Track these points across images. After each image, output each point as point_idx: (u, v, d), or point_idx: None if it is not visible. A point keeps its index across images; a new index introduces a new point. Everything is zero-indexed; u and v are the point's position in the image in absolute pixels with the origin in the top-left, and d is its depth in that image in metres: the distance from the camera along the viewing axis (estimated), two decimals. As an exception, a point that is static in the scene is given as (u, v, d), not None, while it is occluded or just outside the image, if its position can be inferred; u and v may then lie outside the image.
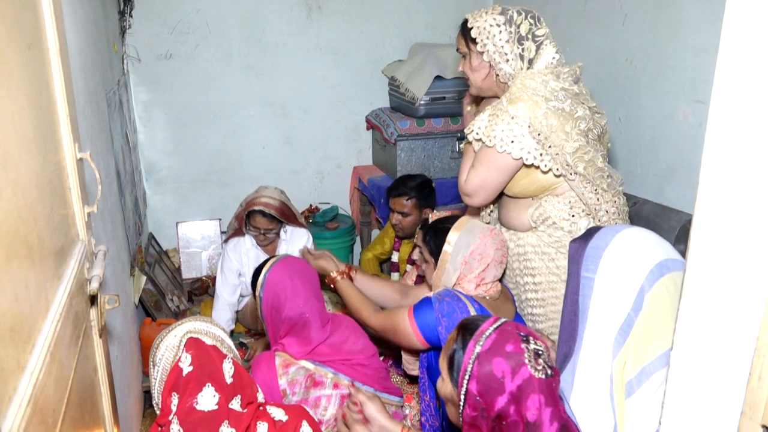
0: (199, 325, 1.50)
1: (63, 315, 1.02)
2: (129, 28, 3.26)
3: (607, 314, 1.24)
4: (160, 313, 2.87)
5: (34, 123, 1.01)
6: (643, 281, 1.21)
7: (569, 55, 2.90)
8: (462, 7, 3.71)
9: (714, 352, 0.82)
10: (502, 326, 1.24)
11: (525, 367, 1.17)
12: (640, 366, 1.18)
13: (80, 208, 1.28)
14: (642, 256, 1.24)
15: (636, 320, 1.20)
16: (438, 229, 1.90)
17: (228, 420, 1.35)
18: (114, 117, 2.52)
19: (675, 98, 2.30)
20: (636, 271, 1.23)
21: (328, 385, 1.92)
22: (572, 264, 1.34)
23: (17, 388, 0.80)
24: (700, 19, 2.17)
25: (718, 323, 0.80)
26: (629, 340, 1.20)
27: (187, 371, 1.35)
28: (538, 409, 1.15)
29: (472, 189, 1.91)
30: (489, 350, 1.19)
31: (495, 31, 1.81)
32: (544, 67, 1.84)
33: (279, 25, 3.50)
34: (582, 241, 1.33)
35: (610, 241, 1.28)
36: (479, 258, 1.81)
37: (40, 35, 1.12)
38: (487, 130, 1.82)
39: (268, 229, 2.82)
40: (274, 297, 1.97)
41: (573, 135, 1.78)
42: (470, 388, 1.19)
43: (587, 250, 1.30)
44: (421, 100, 3.24)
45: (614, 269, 1.25)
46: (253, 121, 3.63)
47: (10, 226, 0.84)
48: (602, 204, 1.85)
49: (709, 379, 0.83)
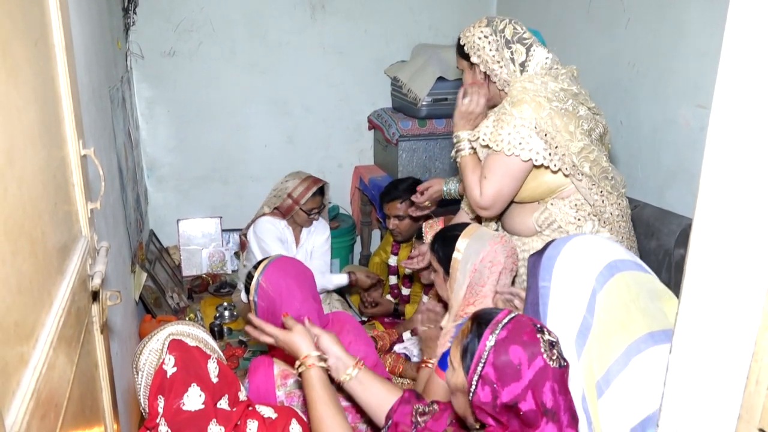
0: (181, 328, 1.48)
1: (65, 310, 1.03)
2: (133, 25, 3.27)
3: (563, 320, 1.26)
4: (160, 310, 2.87)
5: (39, 118, 1.02)
6: (594, 283, 1.25)
7: (572, 57, 2.91)
8: (465, 9, 3.72)
9: (712, 355, 0.82)
10: (517, 317, 1.26)
11: (541, 356, 1.17)
12: (605, 366, 1.20)
13: (83, 204, 1.29)
14: (591, 259, 1.28)
15: (592, 322, 1.23)
16: (446, 236, 1.84)
17: (216, 419, 1.35)
18: (117, 114, 2.52)
19: (677, 102, 2.31)
20: (586, 275, 1.26)
21: None
22: (530, 277, 1.38)
23: (21, 382, 0.81)
24: (703, 23, 2.17)
25: (716, 327, 0.81)
26: (589, 341, 1.23)
27: (172, 372, 1.35)
28: (553, 398, 1.17)
29: (489, 201, 1.86)
30: (506, 338, 1.20)
31: (483, 43, 1.87)
32: (539, 68, 1.85)
33: (282, 23, 3.51)
34: (538, 255, 1.37)
35: (561, 249, 1.32)
36: (489, 266, 1.72)
37: (46, 31, 1.13)
38: (493, 135, 1.81)
39: (320, 207, 2.96)
40: (269, 301, 1.87)
41: (577, 135, 1.79)
42: (486, 373, 1.19)
43: (542, 261, 1.33)
44: (424, 100, 3.25)
45: (566, 275, 1.28)
46: (255, 119, 3.64)
47: (15, 221, 0.85)
48: (606, 206, 1.85)
49: (707, 382, 0.83)
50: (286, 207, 2.92)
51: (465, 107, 1.95)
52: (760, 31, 0.70)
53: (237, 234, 3.78)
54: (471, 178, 1.92)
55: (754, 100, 0.72)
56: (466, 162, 1.95)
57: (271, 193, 3.02)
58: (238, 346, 2.90)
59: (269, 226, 2.93)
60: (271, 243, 2.86)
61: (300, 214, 2.93)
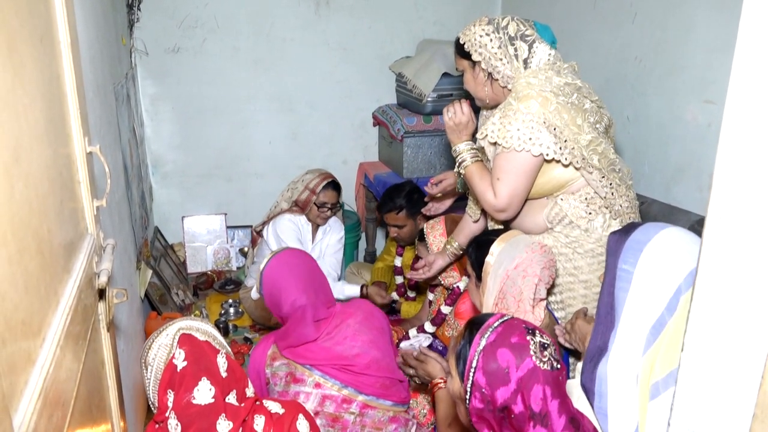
0: (190, 322, 1.49)
1: (72, 309, 1.02)
2: (137, 22, 3.27)
3: (641, 310, 1.21)
4: (166, 307, 2.88)
5: (45, 116, 1.01)
6: (681, 282, 1.18)
7: (579, 52, 2.90)
8: (470, 5, 3.71)
9: (726, 354, 0.81)
10: (509, 320, 1.24)
11: (530, 358, 1.16)
12: (668, 369, 1.15)
13: (89, 201, 1.28)
14: (683, 256, 1.20)
15: (669, 321, 1.18)
16: (481, 241, 1.80)
17: (225, 413, 1.35)
18: (121, 110, 2.52)
19: (684, 98, 2.29)
20: (675, 271, 1.19)
21: (308, 384, 1.88)
22: (610, 256, 1.31)
23: (28, 381, 0.81)
24: (710, 18, 2.15)
25: (731, 325, 0.80)
26: (659, 340, 1.18)
27: (182, 367, 1.35)
28: (543, 399, 1.15)
29: (505, 201, 1.83)
30: (494, 342, 1.20)
31: (485, 40, 1.86)
32: (543, 64, 1.84)
33: (287, 19, 3.50)
34: (623, 234, 1.30)
35: (652, 236, 1.25)
36: (523, 275, 1.63)
37: (51, 28, 1.12)
38: (501, 132, 1.79)
39: (335, 203, 2.97)
40: (271, 295, 1.96)
41: (585, 128, 1.78)
42: (477, 380, 1.19)
43: (627, 242, 1.27)
44: (429, 96, 3.24)
45: (654, 265, 1.22)
46: (259, 115, 3.63)
47: (22, 219, 0.84)
48: (617, 198, 1.84)
49: (721, 381, 0.82)
50: (305, 199, 2.94)
51: (450, 120, 1.95)
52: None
53: (242, 231, 3.78)
54: (480, 184, 1.89)
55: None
56: (472, 171, 1.93)
57: (288, 186, 3.04)
58: (243, 343, 2.90)
59: (290, 224, 2.95)
60: (292, 243, 2.86)
61: (313, 209, 2.93)
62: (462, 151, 1.95)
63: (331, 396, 1.87)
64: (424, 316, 2.66)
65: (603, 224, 1.85)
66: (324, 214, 2.97)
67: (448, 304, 2.40)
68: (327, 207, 2.95)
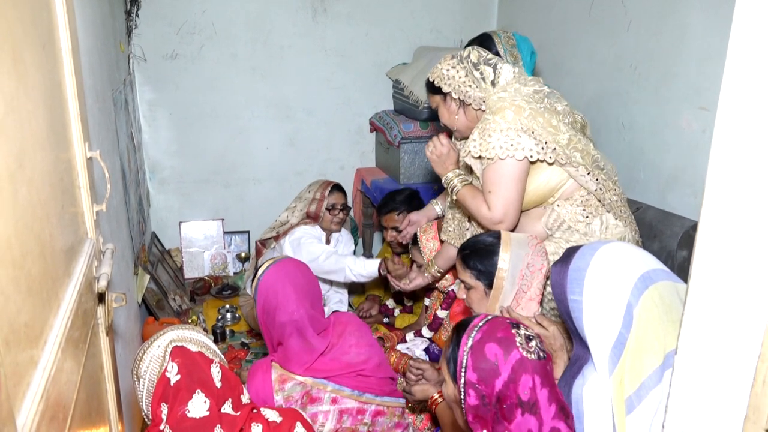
0: (182, 333, 1.48)
1: (73, 312, 1.03)
2: (135, 28, 3.28)
3: (599, 334, 1.25)
4: (163, 312, 2.88)
5: (47, 121, 1.03)
6: (629, 297, 1.23)
7: (574, 60, 2.92)
8: (466, 12, 3.73)
9: (718, 356, 0.82)
10: (493, 319, 1.29)
11: (516, 349, 1.20)
12: (638, 381, 1.18)
13: (89, 206, 1.29)
14: (624, 271, 1.26)
15: (628, 337, 1.21)
16: (479, 249, 1.78)
17: (221, 424, 1.35)
18: (120, 116, 2.53)
19: (678, 105, 2.31)
20: (620, 288, 1.24)
21: (325, 401, 1.87)
22: (556, 288, 1.35)
23: (30, 383, 0.81)
24: (705, 26, 2.18)
25: (723, 328, 0.81)
26: (624, 356, 1.21)
27: (175, 380, 1.34)
28: (532, 388, 1.19)
29: (501, 212, 1.85)
30: (481, 339, 1.24)
31: (452, 72, 1.97)
32: (510, 80, 1.92)
33: (284, 26, 3.52)
34: (563, 265, 1.34)
35: (590, 260, 1.29)
36: (532, 270, 1.72)
37: (53, 35, 1.13)
38: (482, 145, 1.83)
39: (345, 203, 3.00)
40: (265, 302, 1.93)
41: (561, 128, 1.83)
42: (469, 377, 1.22)
43: (569, 273, 1.31)
44: (425, 103, 3.25)
45: (598, 289, 1.26)
46: (257, 122, 3.64)
47: (25, 223, 0.85)
48: (605, 192, 1.87)
49: (713, 383, 0.84)
50: (316, 209, 2.96)
51: (432, 154, 2.06)
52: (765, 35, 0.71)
53: (239, 236, 3.78)
54: (473, 202, 1.94)
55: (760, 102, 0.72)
56: (464, 194, 1.98)
57: (293, 203, 3.04)
58: (240, 349, 2.90)
59: (310, 230, 2.96)
60: (314, 246, 2.88)
61: (326, 216, 2.95)
62: (451, 179, 2.03)
63: (348, 409, 1.88)
64: (423, 321, 2.69)
65: (601, 226, 1.88)
66: (337, 217, 2.98)
67: (443, 308, 2.42)
68: (338, 208, 2.97)
